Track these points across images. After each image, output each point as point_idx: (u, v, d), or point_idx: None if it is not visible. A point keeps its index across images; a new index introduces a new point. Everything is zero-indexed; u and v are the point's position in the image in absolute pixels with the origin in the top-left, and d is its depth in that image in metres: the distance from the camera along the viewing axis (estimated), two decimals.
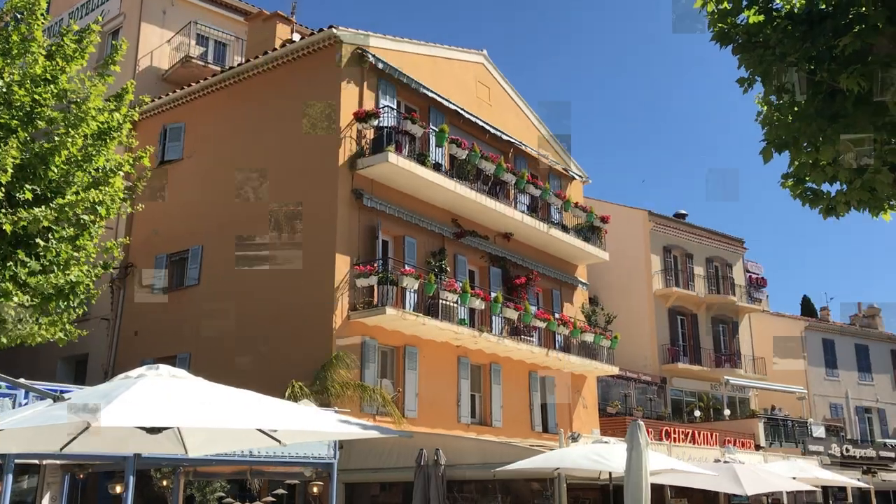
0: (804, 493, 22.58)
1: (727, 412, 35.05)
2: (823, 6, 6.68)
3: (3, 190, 11.80)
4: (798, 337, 41.26)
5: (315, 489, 15.17)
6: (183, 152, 23.04)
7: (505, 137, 24.45)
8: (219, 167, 21.99)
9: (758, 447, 28.78)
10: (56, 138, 12.46)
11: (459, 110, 22.74)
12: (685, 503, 20.80)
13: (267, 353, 18.84)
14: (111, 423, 5.10)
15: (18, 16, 13.03)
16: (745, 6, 6.93)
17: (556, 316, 24.17)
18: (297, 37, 23.03)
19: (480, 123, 23.51)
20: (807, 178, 7.34)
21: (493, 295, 21.63)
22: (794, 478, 19.83)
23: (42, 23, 13.17)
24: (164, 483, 14.14)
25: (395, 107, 20.83)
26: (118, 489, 12.84)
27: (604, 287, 33.65)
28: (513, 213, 23.15)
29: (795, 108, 6.92)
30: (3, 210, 11.83)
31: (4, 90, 12.27)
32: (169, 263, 22.35)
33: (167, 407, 5.54)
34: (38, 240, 12.43)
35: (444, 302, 20.10)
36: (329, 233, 18.91)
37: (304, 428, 5.98)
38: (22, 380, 6.99)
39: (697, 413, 34.24)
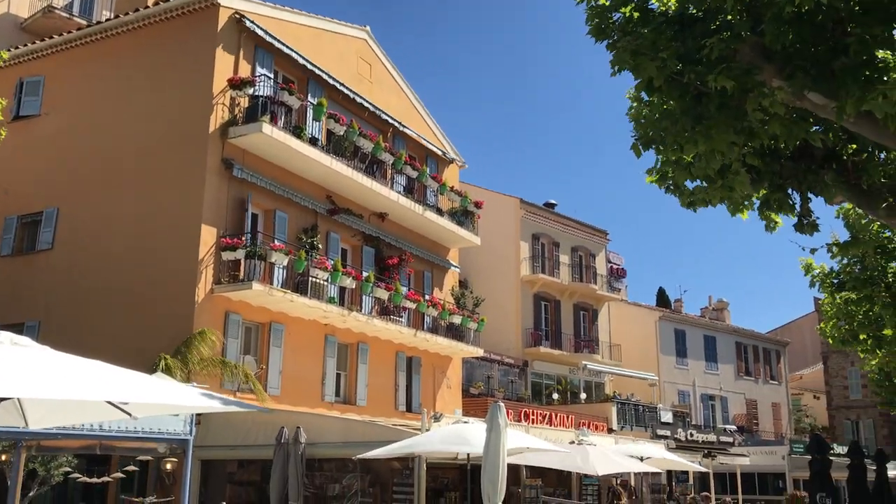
0: (650, 474, 23.79)
1: (583, 396, 36.44)
2: (694, 10, 6.94)
3: None
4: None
5: (169, 466, 14.71)
6: (41, 108, 21.66)
7: (384, 116, 24.28)
8: (80, 126, 20.80)
9: (610, 430, 30.04)
10: None
11: (339, 85, 22.39)
12: (539, 483, 21.45)
13: (124, 324, 18.07)
14: None
15: None
16: (622, 3, 7.12)
17: (427, 297, 24.34)
18: None
19: (360, 100, 23.24)
20: (670, 175, 7.65)
21: (364, 274, 21.53)
22: (641, 459, 20.85)
23: None
24: (3, 457, 13.30)
25: (272, 76, 20.29)
26: None
27: (474, 271, 34.16)
28: (388, 192, 23.07)
29: (664, 107, 7.18)
30: None
31: None
32: (20, 225, 21.09)
33: (7, 376, 5.17)
34: None
35: (314, 279, 19.83)
36: (195, 202, 18.25)
37: (156, 401, 5.73)
38: None
39: (556, 396, 35.41)
